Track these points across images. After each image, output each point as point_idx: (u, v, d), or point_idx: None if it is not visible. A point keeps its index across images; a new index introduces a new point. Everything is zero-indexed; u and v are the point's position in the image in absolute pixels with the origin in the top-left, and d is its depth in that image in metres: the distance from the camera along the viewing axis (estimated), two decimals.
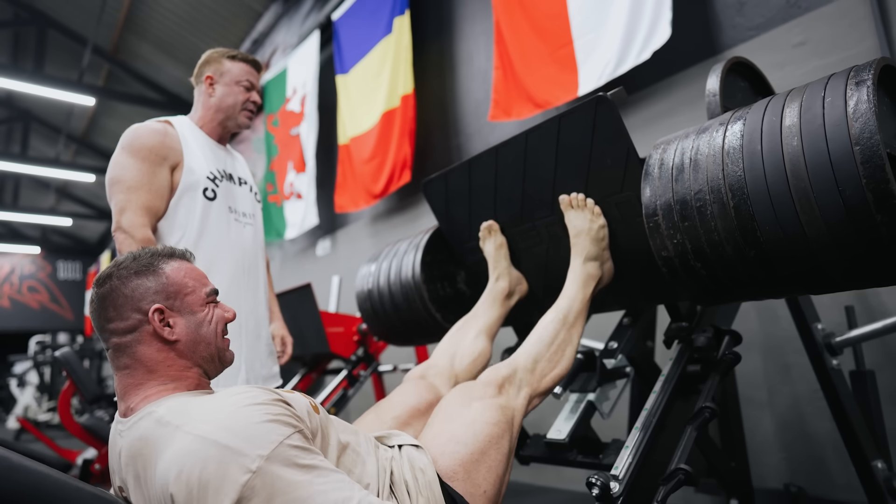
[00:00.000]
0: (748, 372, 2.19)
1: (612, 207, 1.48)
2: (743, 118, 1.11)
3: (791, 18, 2.16)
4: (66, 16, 7.66)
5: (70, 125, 9.71)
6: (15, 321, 13.74)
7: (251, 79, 1.72)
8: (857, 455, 1.53)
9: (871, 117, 0.91)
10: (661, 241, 1.18)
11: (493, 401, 1.18)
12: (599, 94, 1.38)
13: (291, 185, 5.14)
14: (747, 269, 1.09)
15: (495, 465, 1.08)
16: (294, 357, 3.08)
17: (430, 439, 1.10)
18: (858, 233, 0.93)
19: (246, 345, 1.60)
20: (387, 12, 4.03)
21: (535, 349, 1.36)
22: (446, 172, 1.78)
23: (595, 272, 1.49)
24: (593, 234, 1.48)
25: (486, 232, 1.75)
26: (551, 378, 1.34)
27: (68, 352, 3.66)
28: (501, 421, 1.14)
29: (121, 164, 1.51)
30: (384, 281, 2.03)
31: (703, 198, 1.10)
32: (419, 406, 1.30)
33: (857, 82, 0.96)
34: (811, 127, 0.98)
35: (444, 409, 1.18)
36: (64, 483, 0.75)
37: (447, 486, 1.00)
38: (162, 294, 0.93)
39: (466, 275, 2.02)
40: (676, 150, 1.20)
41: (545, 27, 2.89)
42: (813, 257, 1.00)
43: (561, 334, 1.39)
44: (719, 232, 1.08)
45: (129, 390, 0.90)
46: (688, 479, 1.10)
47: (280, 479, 0.73)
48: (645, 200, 1.21)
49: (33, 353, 9.73)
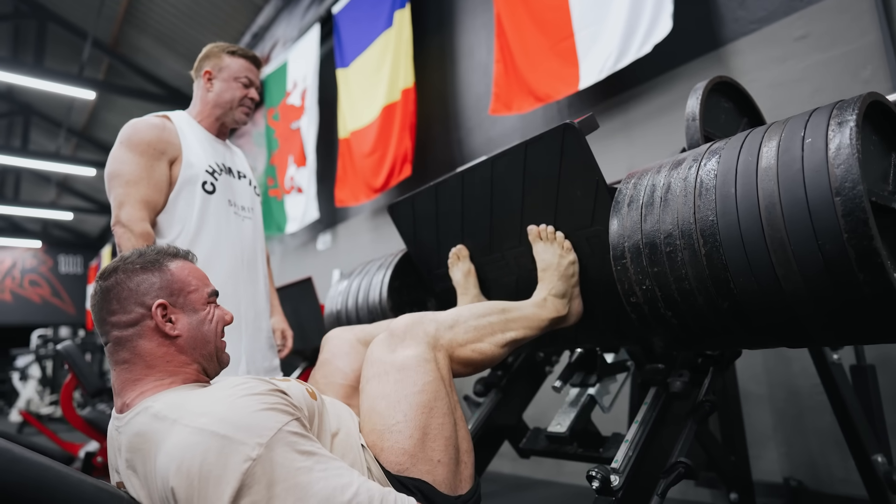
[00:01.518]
0: (748, 366, 2.19)
1: (583, 241, 1.39)
2: (718, 154, 1.03)
3: (793, 12, 2.15)
4: (66, 9, 7.64)
5: (70, 119, 9.69)
6: (17, 315, 13.76)
7: (250, 75, 1.72)
8: (858, 449, 1.53)
9: (853, 163, 0.82)
10: (629, 286, 1.10)
11: (408, 353, 1.08)
12: (566, 122, 1.29)
13: (292, 180, 5.14)
14: (720, 321, 1.02)
15: (440, 431, 1.02)
16: (295, 351, 3.09)
17: (368, 436, 1.03)
18: (838, 289, 0.86)
19: (246, 337, 1.61)
20: (387, 5, 4.02)
21: (459, 312, 1.25)
22: (413, 196, 1.70)
23: (561, 309, 1.39)
24: (562, 270, 1.39)
25: (455, 258, 1.66)
26: (472, 349, 1.19)
27: (70, 345, 3.67)
28: (427, 381, 1.05)
29: (119, 159, 1.51)
30: (352, 303, 1.96)
31: (674, 242, 1.02)
32: (347, 383, 1.26)
33: (839, 122, 0.88)
34: (789, 171, 0.89)
35: (366, 392, 1.09)
36: (66, 475, 0.75)
37: (400, 478, 0.97)
38: (166, 290, 0.94)
39: (437, 302, 1.89)
40: (647, 186, 1.11)
41: (546, 20, 2.88)
42: (789, 310, 0.93)
43: (494, 317, 1.27)
44: (690, 280, 1.01)
45: (127, 385, 0.90)
46: (688, 472, 1.10)
47: (280, 465, 0.74)
48: (613, 240, 1.13)
49: (35, 346, 9.75)
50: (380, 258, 2.04)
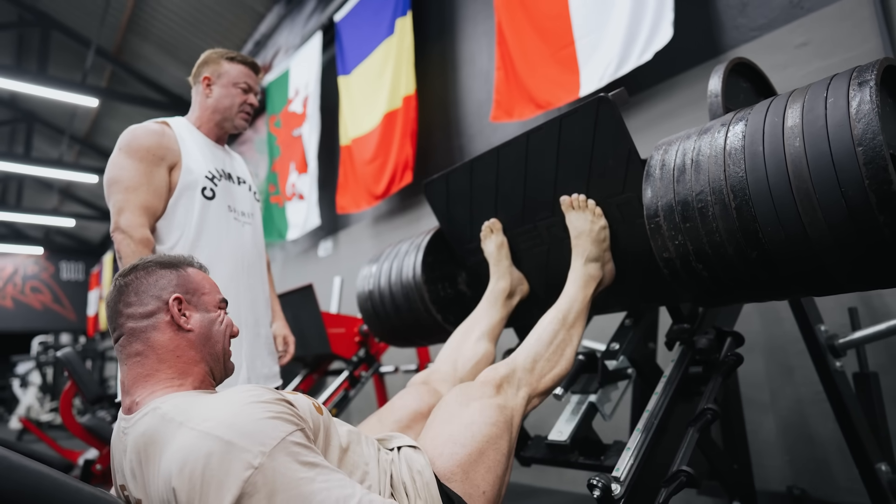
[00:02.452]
0: (751, 373, 2.18)
1: (614, 208, 1.48)
2: (745, 119, 1.10)
3: (794, 19, 2.16)
4: (70, 17, 7.69)
5: (73, 126, 9.73)
6: (18, 322, 13.77)
7: (249, 81, 1.72)
8: (861, 457, 1.52)
9: (873, 118, 0.90)
10: (662, 242, 1.17)
11: (491, 400, 1.18)
12: (601, 95, 1.37)
13: (293, 186, 5.15)
14: (749, 270, 1.08)
15: (494, 466, 1.08)
16: (295, 358, 3.08)
17: (429, 440, 1.10)
18: (861, 234, 0.92)
19: (246, 342, 1.61)
20: (389, 13, 4.04)
21: (535, 349, 1.35)
22: (448, 173, 1.78)
23: (596, 273, 1.49)
24: (594, 235, 1.48)
25: (488, 231, 1.74)
26: (551, 378, 1.33)
27: (70, 352, 3.67)
28: (500, 421, 1.14)
29: (119, 165, 1.52)
30: (385, 282, 2.02)
31: (705, 199, 1.09)
32: (420, 409, 1.31)
33: (859, 83, 0.95)
34: (813, 128, 0.97)
35: (443, 410, 1.18)
36: (64, 483, 0.75)
37: (445, 488, 1.00)
38: (182, 287, 0.99)
39: (467, 275, 2.01)
40: (678, 151, 1.19)
41: (547, 28, 2.89)
42: (815, 258, 0.99)
43: (560, 334, 1.39)
44: (721, 233, 1.07)
45: (138, 381, 0.92)
46: (690, 481, 1.10)
47: (282, 475, 0.74)
48: (646, 201, 1.20)
49: (36, 353, 9.75)
50: (408, 239, 2.10)
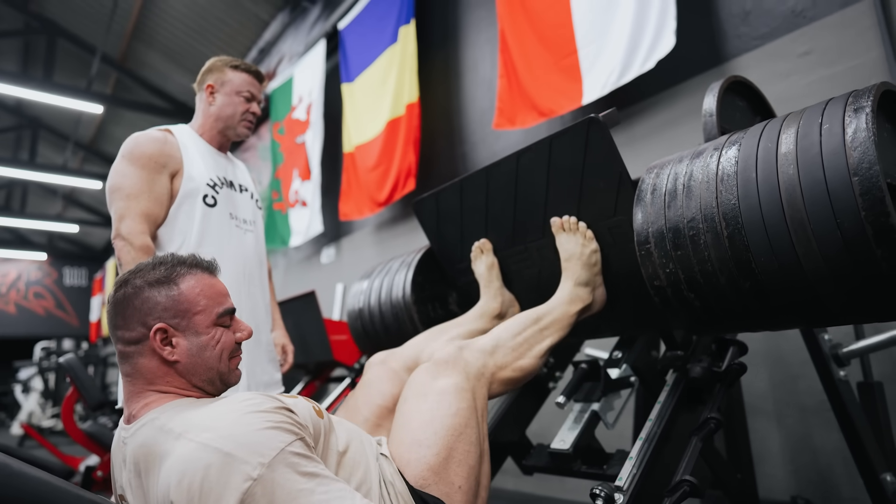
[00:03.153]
0: (754, 382, 2.17)
1: (605, 232, 1.45)
2: (738, 143, 1.07)
3: (796, 28, 2.16)
4: (76, 25, 7.75)
5: (78, 133, 9.79)
6: (21, 327, 13.79)
7: (252, 90, 1.72)
8: (866, 467, 1.51)
9: (870, 146, 0.87)
10: (653, 269, 1.14)
11: (448, 381, 1.13)
12: (591, 116, 1.33)
13: (296, 193, 5.16)
14: (742, 301, 1.05)
15: (465, 458, 1.05)
16: (297, 365, 3.07)
17: (396, 447, 1.07)
18: (857, 266, 0.89)
19: (246, 351, 1.59)
20: (392, 21, 4.06)
21: (498, 335, 1.31)
22: (438, 192, 1.74)
23: (585, 297, 1.45)
24: (585, 258, 1.45)
25: (478, 251, 1.70)
26: (512, 369, 1.28)
27: (72, 358, 3.66)
28: (462, 408, 1.10)
29: (120, 172, 1.53)
30: (375, 300, 1.99)
31: (697, 226, 1.06)
32: (385, 404, 1.28)
33: (855, 109, 0.93)
34: (808, 155, 0.94)
35: (402, 409, 1.14)
36: (63, 490, 0.75)
37: (420, 493, 0.98)
38: (170, 311, 0.91)
39: (458, 296, 1.96)
40: (669, 175, 1.16)
41: (550, 36, 2.90)
42: (810, 289, 0.96)
43: (529, 331, 1.35)
44: (713, 262, 1.04)
45: (131, 397, 0.92)
46: (693, 490, 1.09)
47: (281, 486, 0.73)
48: (637, 227, 1.17)
49: (38, 359, 9.75)
50: (400, 256, 2.07)
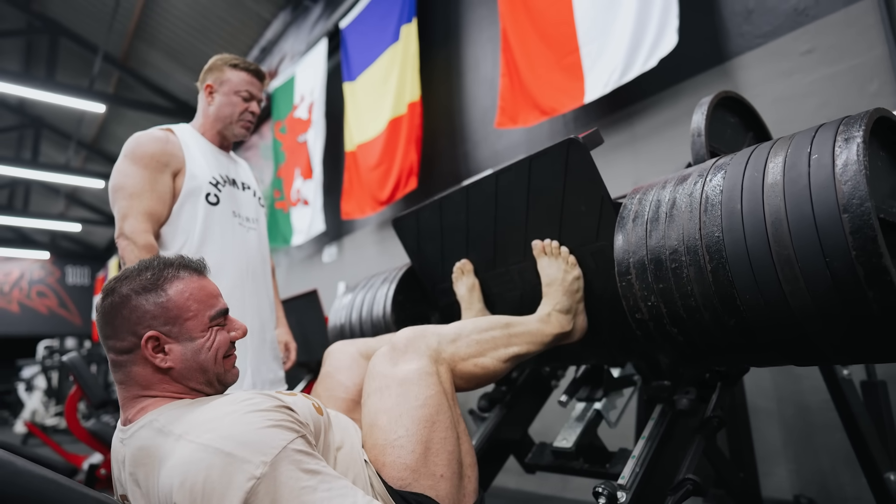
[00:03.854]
0: (757, 381, 2.16)
1: (588, 257, 1.39)
2: (724, 169, 1.02)
3: (799, 26, 2.15)
4: (78, 24, 7.76)
5: (80, 132, 9.81)
6: (24, 326, 13.83)
7: (251, 89, 1.71)
8: (869, 467, 1.51)
9: (860, 180, 0.81)
10: (634, 302, 1.09)
11: (410, 367, 1.07)
12: (571, 137, 1.28)
13: (298, 192, 5.16)
14: (727, 338, 1.01)
15: (442, 445, 1.02)
16: (299, 363, 3.08)
17: (370, 451, 1.03)
18: (847, 307, 0.85)
19: (251, 349, 1.61)
20: (394, 20, 4.06)
21: (461, 325, 1.24)
22: (417, 210, 1.70)
23: (565, 324, 1.38)
24: (567, 285, 1.38)
25: (459, 272, 1.65)
26: (473, 364, 1.19)
27: (76, 357, 3.67)
28: (429, 395, 1.05)
29: (123, 172, 1.53)
30: (356, 317, 1.96)
31: (679, 259, 1.01)
32: (349, 397, 1.26)
33: (846, 138, 0.87)
34: (796, 188, 0.88)
35: (367, 407, 1.09)
36: (67, 488, 0.75)
37: (401, 494, 0.97)
38: (160, 319, 0.89)
39: (441, 317, 1.89)
40: (652, 201, 1.11)
41: (552, 34, 2.89)
42: (797, 327, 0.91)
43: (496, 332, 1.27)
44: (696, 297, 0.99)
45: (126, 402, 0.91)
46: (695, 489, 1.09)
47: (284, 484, 0.73)
48: (617, 256, 1.12)
49: (41, 357, 9.77)
50: (384, 272, 2.03)
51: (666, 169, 2.47)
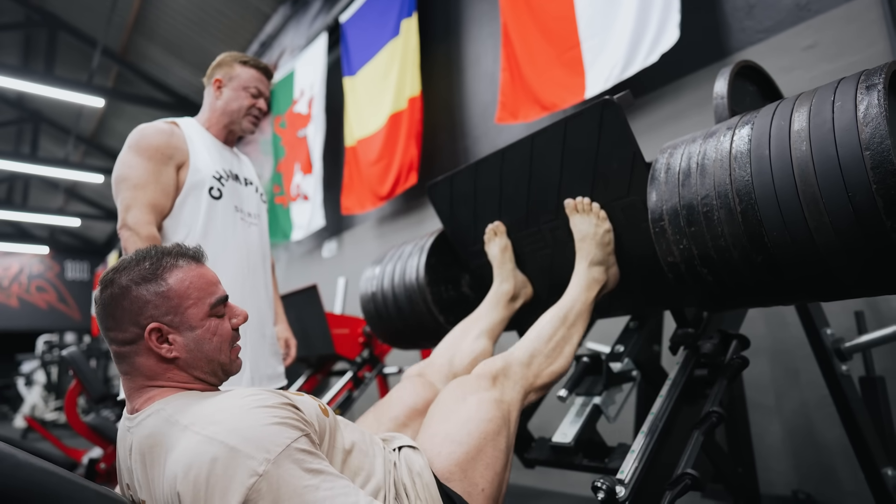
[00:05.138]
0: (756, 377, 2.17)
1: (618, 212, 1.47)
2: (751, 122, 1.09)
3: (800, 21, 2.15)
4: (77, 18, 7.72)
5: (79, 126, 9.78)
6: (23, 321, 13.83)
7: (259, 86, 1.73)
8: (867, 462, 1.51)
9: (881, 122, 0.89)
10: (666, 246, 1.16)
11: (487, 394, 1.17)
12: (605, 98, 1.36)
13: (298, 187, 5.16)
14: (755, 275, 1.07)
15: (492, 462, 1.07)
16: (299, 358, 3.08)
17: (427, 440, 1.10)
18: (868, 239, 0.91)
19: (250, 344, 1.61)
20: (394, 14, 4.04)
21: (533, 345, 1.35)
22: (452, 175, 1.77)
23: (600, 276, 1.48)
24: (598, 238, 1.47)
25: (492, 234, 1.73)
26: (548, 374, 1.33)
27: (75, 351, 3.68)
28: (497, 417, 1.13)
29: (127, 163, 1.53)
30: (388, 283, 2.02)
31: (710, 203, 1.08)
32: (416, 406, 1.30)
33: (867, 86, 0.94)
34: (820, 132, 0.95)
35: (439, 408, 1.17)
36: (69, 481, 0.75)
37: (445, 487, 1.00)
38: (161, 308, 0.89)
39: (471, 278, 2.00)
40: (683, 155, 1.18)
41: (553, 29, 2.88)
42: (822, 263, 0.98)
43: (560, 332, 1.38)
44: (726, 237, 1.06)
45: (132, 393, 0.91)
46: (694, 484, 1.09)
47: (287, 482, 0.73)
48: (651, 205, 1.19)
49: (41, 352, 9.79)
50: (410, 241, 2.09)
51: None
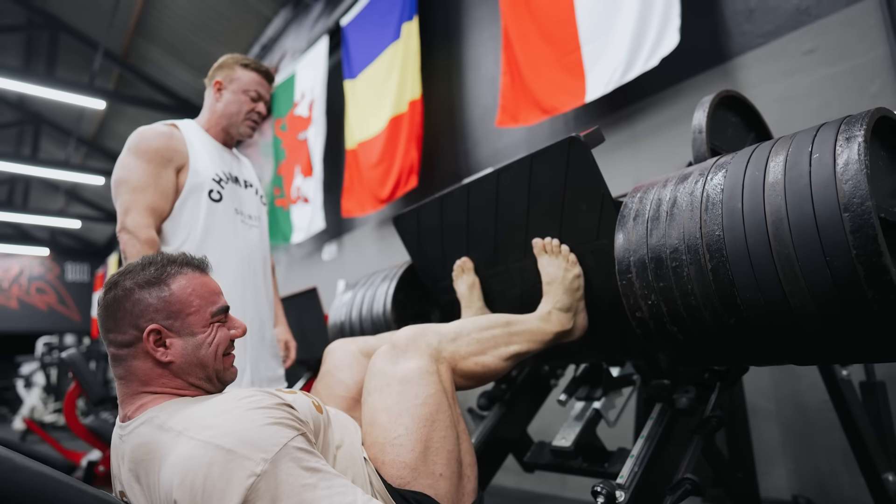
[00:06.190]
0: (756, 381, 2.16)
1: (588, 255, 1.39)
2: (725, 168, 1.02)
3: (801, 26, 2.15)
4: (79, 20, 7.74)
5: (80, 128, 9.79)
6: (23, 322, 13.82)
7: (260, 89, 1.73)
8: (868, 467, 1.51)
9: (861, 179, 0.81)
10: (634, 300, 1.09)
11: (410, 365, 1.07)
12: (572, 135, 1.29)
13: (298, 190, 5.16)
14: (727, 337, 1.01)
15: (442, 444, 1.02)
16: (299, 361, 3.08)
17: (370, 449, 1.03)
18: (847, 307, 0.85)
19: (250, 346, 1.61)
20: (395, 18, 4.05)
21: (462, 324, 1.25)
22: (418, 208, 1.70)
23: (566, 322, 1.39)
24: (567, 283, 1.39)
25: (459, 270, 1.65)
26: (474, 362, 1.19)
27: (75, 353, 3.67)
28: (430, 394, 1.05)
29: (126, 166, 1.53)
30: (356, 315, 1.96)
31: (680, 257, 1.01)
32: (350, 395, 1.25)
33: (847, 137, 0.87)
34: (796, 186, 0.88)
35: (367, 405, 1.09)
36: (67, 485, 0.74)
37: (400, 492, 0.97)
38: (162, 313, 0.90)
39: (441, 315, 1.90)
40: (653, 200, 1.11)
41: (553, 33, 2.89)
42: (797, 327, 0.91)
43: (497, 330, 1.27)
44: (696, 296, 0.99)
45: (126, 399, 0.91)
46: (694, 489, 1.09)
47: (284, 481, 0.73)
48: (618, 254, 1.12)
49: (40, 354, 9.77)
50: (384, 270, 2.03)
51: (666, 168, 2.47)
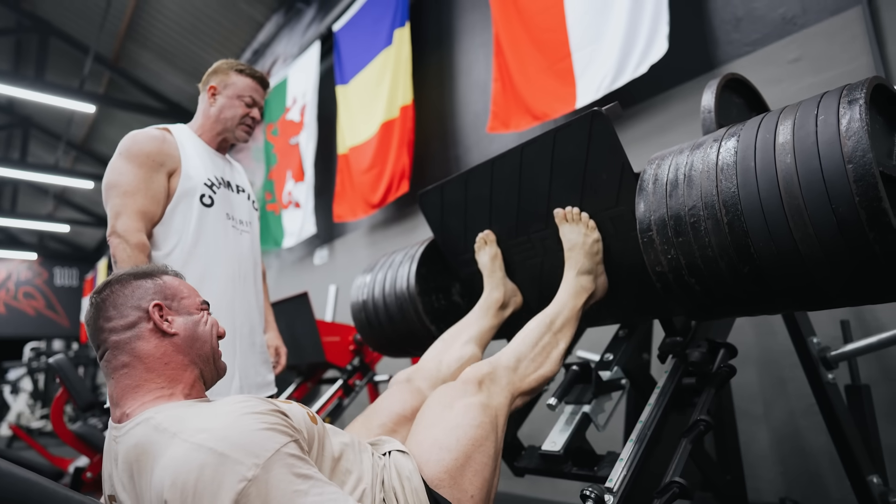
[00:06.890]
0: (744, 385, 2.18)
1: (607, 222, 1.49)
2: (737, 134, 1.11)
3: (787, 35, 2.18)
4: (69, 24, 7.70)
5: (70, 132, 9.72)
6: (10, 327, 13.66)
7: (254, 95, 1.73)
8: (853, 469, 1.52)
9: (863, 135, 0.91)
10: (655, 256, 1.18)
11: (474, 399, 1.18)
12: (594, 109, 1.38)
13: (290, 194, 5.15)
14: (741, 285, 1.09)
15: (481, 469, 1.07)
16: (290, 366, 3.07)
17: (415, 446, 1.10)
18: (852, 250, 0.93)
19: (240, 352, 1.60)
20: (387, 24, 4.07)
21: (519, 349, 1.36)
22: (442, 184, 1.79)
23: (588, 285, 1.50)
24: (587, 247, 1.49)
25: (482, 243, 1.75)
26: (535, 378, 1.34)
27: (62, 359, 3.64)
28: (485, 422, 1.14)
29: (118, 170, 1.52)
30: (379, 292, 2.02)
31: (697, 213, 1.10)
32: (404, 412, 1.30)
33: (849, 101, 0.97)
34: (804, 144, 0.98)
35: (427, 414, 1.17)
36: (53, 491, 0.74)
37: (434, 493, 1.00)
38: (160, 294, 0.99)
39: (461, 287, 2.01)
40: (671, 166, 1.20)
41: (544, 40, 2.91)
42: (807, 274, 1.00)
43: (546, 337, 1.40)
44: (713, 248, 1.08)
45: (126, 393, 0.91)
46: (682, 492, 1.10)
47: (276, 487, 0.73)
48: (639, 215, 1.21)
49: (27, 359, 9.67)
50: (402, 249, 2.09)
51: None
